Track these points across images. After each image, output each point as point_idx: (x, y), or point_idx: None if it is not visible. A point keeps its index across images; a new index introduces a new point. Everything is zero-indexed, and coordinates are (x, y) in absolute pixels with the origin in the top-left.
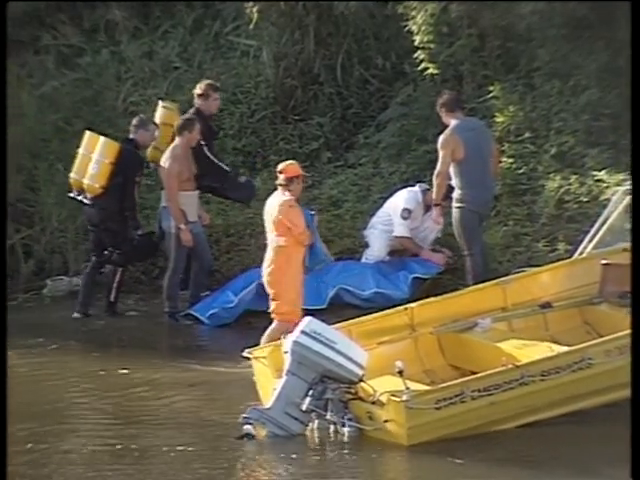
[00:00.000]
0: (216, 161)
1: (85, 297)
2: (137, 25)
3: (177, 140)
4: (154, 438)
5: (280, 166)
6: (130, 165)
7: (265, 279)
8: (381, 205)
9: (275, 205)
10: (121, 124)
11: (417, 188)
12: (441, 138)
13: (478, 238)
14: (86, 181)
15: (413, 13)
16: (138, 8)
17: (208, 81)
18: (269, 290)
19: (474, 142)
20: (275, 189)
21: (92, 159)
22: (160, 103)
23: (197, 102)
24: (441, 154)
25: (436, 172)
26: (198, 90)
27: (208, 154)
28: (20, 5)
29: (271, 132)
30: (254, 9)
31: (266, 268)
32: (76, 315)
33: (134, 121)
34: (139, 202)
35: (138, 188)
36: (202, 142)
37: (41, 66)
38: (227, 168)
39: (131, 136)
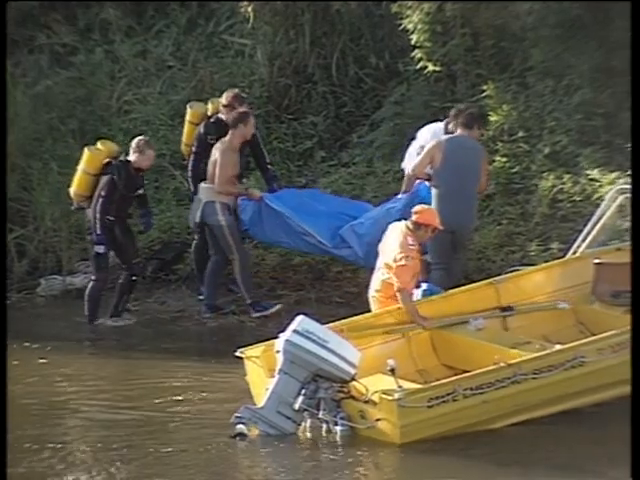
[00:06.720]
0: (189, 180)
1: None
2: (131, 24)
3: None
4: (147, 439)
5: (417, 207)
6: (116, 180)
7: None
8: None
9: (395, 244)
10: (115, 123)
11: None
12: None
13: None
14: (71, 189)
15: (408, 12)
16: (132, 7)
17: (235, 91)
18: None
19: (458, 159)
20: None
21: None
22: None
23: (221, 112)
24: (422, 155)
25: (412, 166)
26: (223, 100)
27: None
28: (14, 5)
29: (265, 131)
30: (249, 8)
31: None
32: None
33: (133, 143)
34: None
35: (127, 206)
36: (195, 151)
37: (35, 65)
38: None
39: (129, 157)
